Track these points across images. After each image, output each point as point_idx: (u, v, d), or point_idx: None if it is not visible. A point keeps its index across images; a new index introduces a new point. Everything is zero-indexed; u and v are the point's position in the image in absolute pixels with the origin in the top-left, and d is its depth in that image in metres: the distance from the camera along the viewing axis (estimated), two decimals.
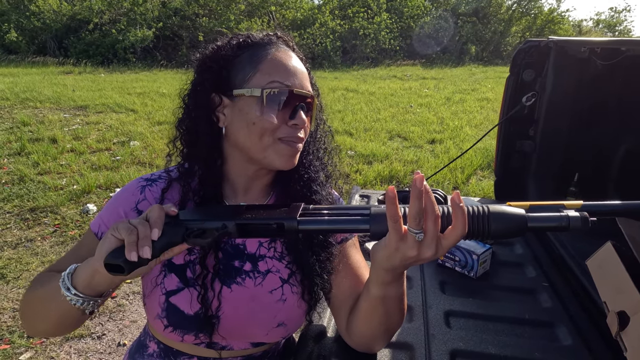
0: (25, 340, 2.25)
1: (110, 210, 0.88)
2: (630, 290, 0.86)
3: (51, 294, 0.75)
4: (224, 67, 0.84)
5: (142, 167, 4.78)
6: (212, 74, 0.85)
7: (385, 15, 16.00)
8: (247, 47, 0.85)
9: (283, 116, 0.82)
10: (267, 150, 0.83)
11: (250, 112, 0.81)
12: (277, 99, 0.81)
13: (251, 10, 15.56)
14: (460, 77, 12.36)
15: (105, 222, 0.87)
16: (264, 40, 0.87)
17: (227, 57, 0.84)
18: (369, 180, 4.58)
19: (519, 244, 1.62)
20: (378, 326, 0.86)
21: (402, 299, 0.82)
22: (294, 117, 0.82)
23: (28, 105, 7.25)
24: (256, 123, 0.81)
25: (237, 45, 0.85)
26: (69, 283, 0.72)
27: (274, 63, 0.83)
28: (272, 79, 0.82)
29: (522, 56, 1.82)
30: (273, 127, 0.81)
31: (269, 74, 0.82)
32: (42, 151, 4.96)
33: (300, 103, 0.83)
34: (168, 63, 13.59)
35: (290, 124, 0.82)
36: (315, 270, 0.91)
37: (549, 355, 1.04)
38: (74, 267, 0.74)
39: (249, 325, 0.89)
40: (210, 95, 0.85)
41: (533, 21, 18.88)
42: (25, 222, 3.45)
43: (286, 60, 0.85)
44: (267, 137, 0.82)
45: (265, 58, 0.83)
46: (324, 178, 0.96)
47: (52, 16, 13.66)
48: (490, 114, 7.62)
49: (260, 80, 0.82)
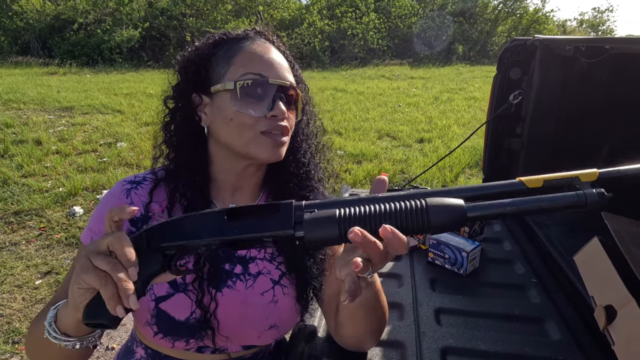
0: (10, 346, 2.21)
1: (99, 219, 0.85)
2: (617, 285, 0.87)
3: (43, 342, 0.68)
4: (201, 66, 0.83)
5: (129, 169, 4.72)
6: (190, 75, 0.84)
7: (373, 16, 16.04)
8: (223, 43, 0.84)
9: (261, 108, 0.80)
10: (249, 144, 0.81)
11: (227, 108, 0.80)
12: (252, 91, 0.79)
13: (238, 10, 15.50)
14: (448, 77, 12.45)
15: (96, 232, 0.85)
16: (240, 36, 0.85)
17: (203, 55, 0.83)
18: (359, 180, 4.58)
19: (508, 240, 1.63)
20: (363, 327, 0.86)
21: (379, 298, 0.82)
22: (272, 108, 0.80)
23: (11, 106, 7.11)
24: (234, 118, 0.80)
25: (213, 44, 0.84)
26: (56, 334, 0.65)
27: (248, 55, 0.81)
28: (246, 70, 0.80)
29: (508, 55, 1.84)
30: (252, 121, 0.79)
31: (243, 65, 0.80)
32: (26, 153, 4.87)
33: (279, 93, 0.81)
34: (155, 63, 13.45)
35: (269, 116, 0.80)
36: (312, 272, 0.90)
37: (539, 350, 1.04)
38: (54, 313, 0.67)
39: (241, 328, 0.88)
40: (191, 96, 0.84)
41: (519, 21, 19.11)
42: (9, 226, 3.38)
43: (262, 52, 0.82)
44: (248, 132, 0.80)
45: (240, 51, 0.82)
46: (316, 175, 0.95)
47: (35, 16, 13.42)
48: (478, 112, 7.69)
49: (234, 73, 0.80)
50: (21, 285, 2.69)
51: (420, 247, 1.56)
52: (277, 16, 16.00)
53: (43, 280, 2.73)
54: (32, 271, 2.83)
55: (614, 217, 1.06)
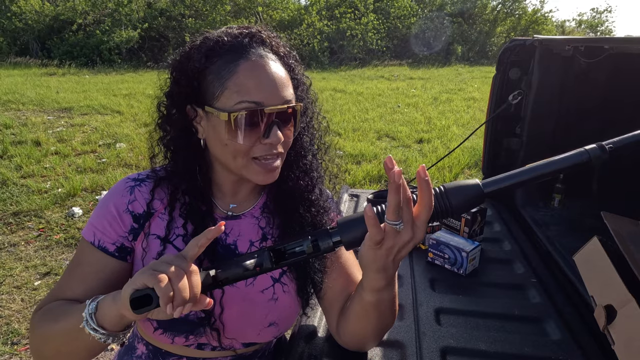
0: (9, 347, 2.20)
1: (101, 215, 0.85)
2: (617, 284, 0.87)
3: (74, 333, 0.71)
4: (194, 78, 0.79)
5: (128, 169, 4.71)
6: (183, 87, 0.81)
7: (372, 16, 16.05)
8: (216, 56, 0.78)
9: (256, 135, 0.77)
10: (243, 169, 0.80)
11: (221, 133, 0.77)
12: (247, 122, 0.75)
13: (238, 11, 15.50)
14: (447, 77, 12.46)
15: (99, 228, 0.85)
16: (234, 46, 0.78)
17: (196, 69, 0.78)
18: (358, 180, 4.58)
19: (507, 240, 1.63)
20: (371, 328, 0.86)
21: (394, 301, 0.82)
22: (268, 136, 0.77)
23: (10, 107, 7.10)
24: (228, 145, 0.78)
25: (205, 55, 0.78)
26: (94, 324, 0.69)
27: (242, 79, 0.76)
28: (241, 98, 0.75)
29: (508, 55, 1.84)
30: (245, 149, 0.78)
31: (237, 92, 0.75)
32: (25, 154, 4.86)
33: (275, 120, 0.77)
34: (154, 64, 13.44)
35: (264, 142, 0.77)
36: (314, 267, 0.90)
37: (539, 350, 1.04)
38: (95, 305, 0.70)
39: (241, 325, 0.88)
40: (186, 108, 0.82)
41: (517, 22, 19.15)
42: (8, 227, 3.38)
43: (257, 72, 0.76)
44: (241, 158, 0.79)
45: (234, 73, 0.76)
46: (318, 175, 0.93)
47: (34, 17, 13.40)
48: (477, 113, 7.69)
49: (228, 100, 0.76)
50: (20, 286, 2.68)
51: (420, 247, 1.56)
52: (276, 17, 16.00)
53: (42, 281, 2.73)
54: (31, 272, 2.82)
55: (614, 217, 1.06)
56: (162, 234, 0.86)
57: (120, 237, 0.85)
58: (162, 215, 0.87)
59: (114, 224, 0.85)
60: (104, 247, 0.84)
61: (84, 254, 0.86)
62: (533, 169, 0.65)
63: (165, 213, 0.87)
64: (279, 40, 0.85)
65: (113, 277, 0.85)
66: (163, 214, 0.88)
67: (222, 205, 0.92)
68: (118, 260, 0.85)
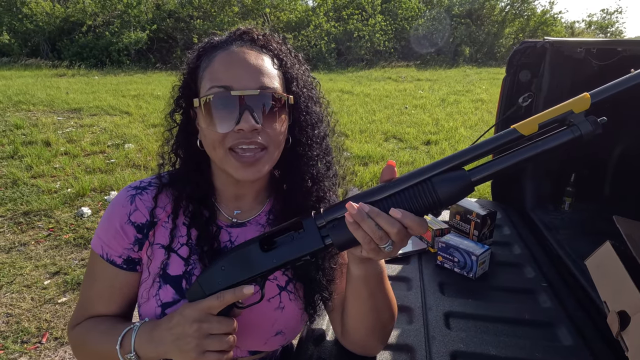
0: (19, 345, 2.22)
1: (106, 228, 0.86)
2: (630, 290, 0.86)
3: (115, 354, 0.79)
4: (190, 80, 0.80)
5: (137, 170, 4.75)
6: (184, 90, 0.82)
7: (379, 17, 16.03)
8: (205, 53, 0.80)
9: (228, 122, 0.74)
10: (222, 162, 0.78)
11: (201, 124, 0.78)
12: (216, 106, 0.74)
13: (245, 12, 15.54)
14: (455, 79, 12.40)
15: (105, 241, 0.85)
16: (220, 42, 0.80)
17: (190, 70, 0.81)
18: (365, 182, 4.57)
19: (517, 244, 1.62)
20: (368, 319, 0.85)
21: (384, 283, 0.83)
22: (239, 122, 0.74)
23: (21, 108, 7.19)
24: (206, 135, 0.77)
25: (197, 55, 0.81)
26: None
27: (216, 66, 0.76)
28: (212, 84, 0.75)
29: (518, 57, 1.83)
30: (219, 137, 0.75)
31: (210, 79, 0.76)
32: (35, 154, 4.92)
33: (247, 104, 0.74)
34: (163, 65, 13.53)
35: (237, 130, 0.74)
36: (322, 283, 0.88)
37: (550, 356, 1.03)
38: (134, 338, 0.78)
39: (247, 334, 0.88)
40: (189, 111, 0.83)
41: (526, 23, 19.00)
42: (18, 226, 3.41)
43: (231, 60, 0.76)
44: (218, 149, 0.77)
45: (211, 63, 0.77)
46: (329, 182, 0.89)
47: (45, 18, 13.54)
48: (485, 115, 7.65)
49: (204, 88, 0.77)
50: (30, 285, 2.71)
51: (429, 250, 1.55)
52: (283, 18, 16.03)
53: (52, 281, 2.75)
54: (40, 271, 2.85)
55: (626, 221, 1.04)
56: (166, 243, 0.86)
57: (126, 250, 0.85)
58: (165, 224, 0.87)
59: (118, 237, 0.85)
60: (112, 260, 0.86)
61: (96, 267, 0.87)
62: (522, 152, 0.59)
63: (168, 221, 0.87)
64: (272, 38, 0.84)
65: (125, 288, 0.88)
66: (166, 222, 0.87)
67: (227, 211, 0.91)
68: (128, 272, 0.87)
